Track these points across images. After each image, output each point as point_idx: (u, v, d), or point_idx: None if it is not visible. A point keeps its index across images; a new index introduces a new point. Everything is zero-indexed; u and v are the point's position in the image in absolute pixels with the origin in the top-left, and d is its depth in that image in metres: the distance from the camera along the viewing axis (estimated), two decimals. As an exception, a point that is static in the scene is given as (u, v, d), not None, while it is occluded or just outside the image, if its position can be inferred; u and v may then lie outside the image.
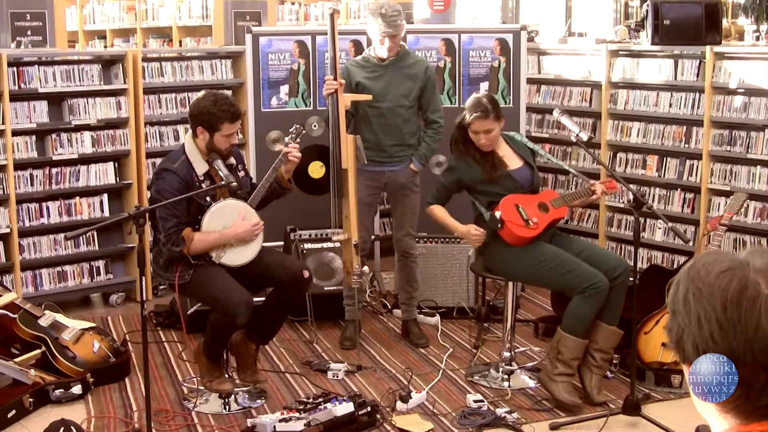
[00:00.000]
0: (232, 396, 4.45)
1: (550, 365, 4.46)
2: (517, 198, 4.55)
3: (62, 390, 4.49)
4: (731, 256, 1.28)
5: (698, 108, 5.83)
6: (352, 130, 5.11)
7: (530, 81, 6.65)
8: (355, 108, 5.11)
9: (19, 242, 5.69)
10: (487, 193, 4.61)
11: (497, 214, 4.49)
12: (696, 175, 5.87)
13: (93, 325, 5.02)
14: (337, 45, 5.00)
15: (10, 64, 5.59)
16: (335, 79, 4.93)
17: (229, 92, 6.05)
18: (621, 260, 4.58)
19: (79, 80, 5.89)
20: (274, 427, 4.00)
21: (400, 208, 5.29)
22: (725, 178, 5.70)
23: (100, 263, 6.06)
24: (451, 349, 5.20)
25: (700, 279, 1.27)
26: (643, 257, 6.11)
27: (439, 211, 4.75)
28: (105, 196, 6.02)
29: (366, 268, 5.05)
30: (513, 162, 4.69)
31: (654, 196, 6.08)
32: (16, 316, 4.73)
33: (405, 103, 5.15)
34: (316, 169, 5.48)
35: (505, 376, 4.72)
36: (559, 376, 4.41)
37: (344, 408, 4.11)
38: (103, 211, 5.98)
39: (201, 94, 4.43)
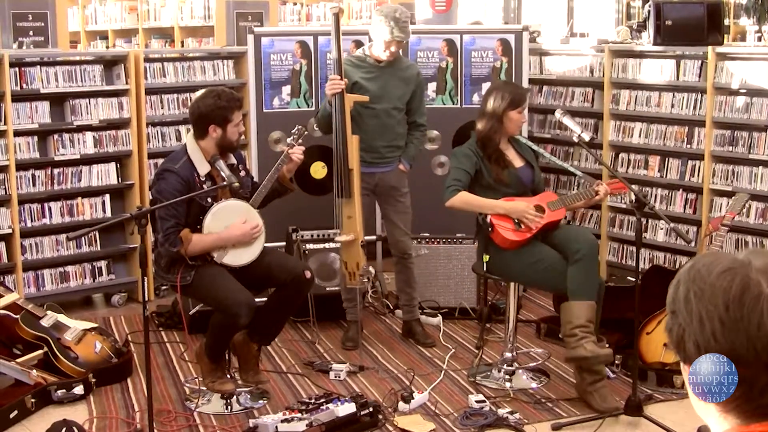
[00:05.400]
0: (234, 396, 4.45)
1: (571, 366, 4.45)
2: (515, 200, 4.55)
3: (64, 390, 4.49)
4: (731, 256, 1.28)
5: (700, 108, 5.82)
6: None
7: (532, 81, 6.64)
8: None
9: (21, 243, 5.69)
10: (495, 189, 4.58)
11: (487, 218, 4.50)
12: (698, 176, 5.86)
13: (95, 325, 5.02)
14: (341, 44, 4.99)
15: (12, 65, 5.60)
16: (341, 78, 4.94)
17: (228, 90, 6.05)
18: (583, 241, 4.49)
19: (81, 81, 5.89)
20: (276, 427, 4.00)
21: (395, 210, 5.27)
22: (727, 179, 5.69)
23: (102, 264, 6.06)
24: (453, 350, 5.19)
25: (701, 279, 1.27)
26: (645, 258, 6.10)
27: (470, 197, 4.54)
28: (107, 197, 6.02)
29: (371, 268, 5.04)
30: (516, 162, 4.72)
31: (656, 196, 6.08)
32: (18, 316, 4.73)
33: (399, 106, 5.17)
34: (318, 170, 5.48)
35: (507, 377, 4.72)
36: (581, 341, 4.31)
37: (346, 408, 4.11)
38: (105, 212, 5.99)
39: (198, 95, 4.44)
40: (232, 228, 4.31)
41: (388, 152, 5.19)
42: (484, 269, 4.61)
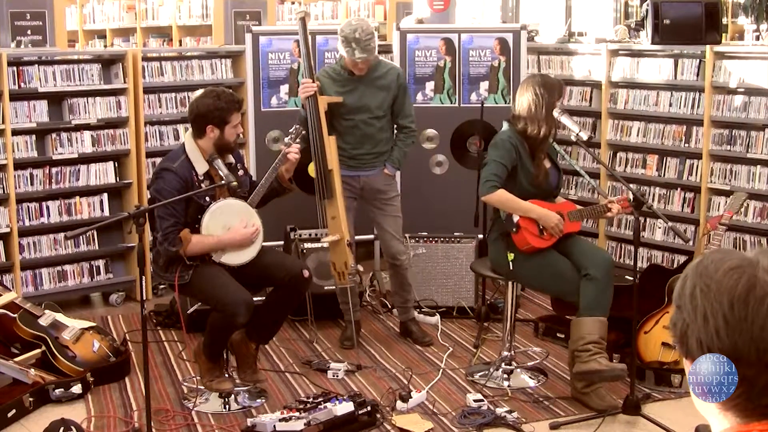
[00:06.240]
0: (232, 395, 4.45)
1: (574, 377, 4.43)
2: (539, 205, 4.52)
3: (62, 389, 4.49)
4: (741, 254, 1.28)
5: (698, 107, 5.83)
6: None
7: (530, 80, 6.63)
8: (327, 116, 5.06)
9: (19, 242, 5.69)
10: (524, 189, 4.52)
11: (515, 218, 4.47)
12: (696, 175, 5.87)
13: (93, 324, 5.02)
14: (310, 47, 5.02)
15: (10, 64, 5.59)
16: (313, 81, 4.94)
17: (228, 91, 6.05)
18: (600, 261, 4.45)
19: (79, 80, 5.89)
20: (274, 426, 4.00)
21: (383, 215, 5.24)
22: (725, 178, 5.70)
23: (100, 263, 6.06)
24: (451, 349, 5.19)
25: (708, 275, 1.27)
26: (643, 257, 6.11)
27: (507, 197, 4.44)
28: (105, 196, 6.02)
29: (360, 267, 5.04)
30: (546, 163, 4.66)
31: (654, 195, 6.08)
32: (16, 315, 4.73)
33: (379, 114, 5.12)
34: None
35: (505, 376, 4.72)
36: (595, 356, 4.29)
37: (344, 407, 4.11)
38: (103, 211, 5.98)
39: (197, 94, 4.43)
40: (233, 232, 4.31)
41: (372, 158, 5.16)
42: (510, 268, 4.55)
